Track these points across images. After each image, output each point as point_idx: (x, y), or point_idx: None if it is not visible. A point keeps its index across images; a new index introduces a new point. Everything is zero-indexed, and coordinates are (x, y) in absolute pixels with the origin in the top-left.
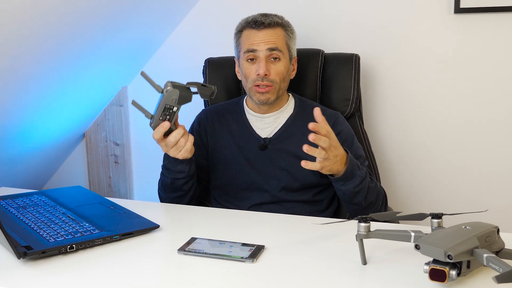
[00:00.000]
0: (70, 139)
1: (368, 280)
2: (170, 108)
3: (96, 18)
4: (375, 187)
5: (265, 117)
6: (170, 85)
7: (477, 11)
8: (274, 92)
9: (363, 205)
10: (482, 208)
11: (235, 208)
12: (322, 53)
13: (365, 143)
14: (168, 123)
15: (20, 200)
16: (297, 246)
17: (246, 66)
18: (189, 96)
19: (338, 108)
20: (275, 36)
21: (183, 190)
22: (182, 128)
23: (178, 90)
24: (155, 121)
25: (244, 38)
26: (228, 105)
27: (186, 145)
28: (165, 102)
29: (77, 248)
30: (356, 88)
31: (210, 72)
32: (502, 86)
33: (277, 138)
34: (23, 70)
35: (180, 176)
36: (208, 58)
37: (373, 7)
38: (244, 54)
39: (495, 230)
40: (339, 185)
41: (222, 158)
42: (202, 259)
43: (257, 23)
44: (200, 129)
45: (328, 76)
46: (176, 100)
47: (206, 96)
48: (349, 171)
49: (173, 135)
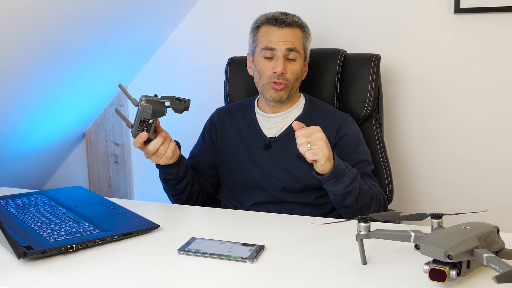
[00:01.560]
0: (70, 139)
1: (368, 280)
2: (146, 121)
3: (96, 18)
4: (368, 190)
5: (272, 117)
6: (144, 100)
7: (477, 11)
8: (287, 90)
9: (355, 208)
10: (482, 208)
11: (240, 206)
12: (343, 53)
13: (379, 147)
14: (146, 133)
15: (20, 200)
16: (297, 246)
17: (262, 62)
18: (163, 110)
19: (354, 110)
20: (294, 36)
21: (177, 189)
22: (162, 137)
23: (151, 105)
24: (134, 131)
25: (262, 34)
26: (240, 104)
27: (166, 152)
28: (140, 115)
29: (77, 248)
30: (373, 90)
31: (231, 71)
32: (502, 86)
33: (282, 138)
34: (23, 70)
35: (169, 177)
36: (231, 58)
37: (372, 6)
38: (262, 51)
39: (495, 230)
40: (329, 186)
41: (229, 156)
42: (202, 259)
43: (278, 21)
44: (211, 128)
45: (347, 76)
46: (150, 114)
47: (179, 110)
48: (338, 169)
49: (152, 144)
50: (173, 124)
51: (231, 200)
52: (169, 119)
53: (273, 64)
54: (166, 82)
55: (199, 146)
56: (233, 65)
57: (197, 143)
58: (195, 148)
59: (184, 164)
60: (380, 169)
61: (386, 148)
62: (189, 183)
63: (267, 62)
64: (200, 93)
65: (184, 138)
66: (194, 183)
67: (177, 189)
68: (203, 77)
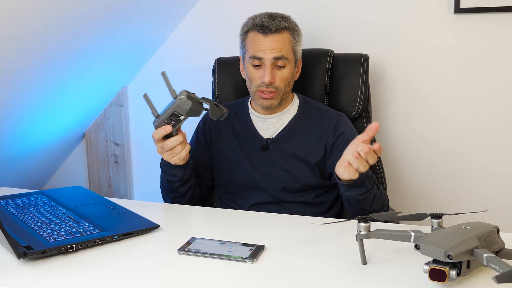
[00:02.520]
0: (70, 139)
1: (368, 280)
2: (178, 116)
3: (96, 18)
4: (381, 195)
5: (268, 118)
6: (185, 95)
7: (477, 11)
8: (278, 97)
9: (368, 212)
10: (482, 208)
11: (237, 207)
12: (331, 54)
13: (371, 144)
14: (170, 127)
15: (20, 200)
16: (297, 246)
17: (251, 70)
18: (200, 110)
19: (345, 109)
20: (281, 43)
21: (179, 193)
22: (182, 136)
23: (191, 102)
24: (159, 122)
25: (250, 41)
26: (233, 105)
27: (181, 152)
28: (174, 109)
29: (77, 248)
30: (364, 88)
31: (219, 71)
32: (502, 86)
33: (279, 139)
34: (23, 70)
35: (173, 179)
36: (218, 58)
37: (373, 6)
38: (250, 59)
39: (495, 230)
40: (344, 190)
41: (225, 158)
42: (202, 259)
43: (264, 28)
44: (205, 128)
45: (336, 76)
46: (186, 111)
47: (215, 116)
48: (360, 180)
49: (172, 140)
50: None
51: (227, 201)
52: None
53: (261, 73)
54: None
55: (193, 147)
56: (221, 65)
57: (191, 145)
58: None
59: (190, 168)
60: (374, 166)
61: None
62: (191, 187)
63: (256, 70)
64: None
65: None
66: (196, 187)
67: (179, 192)
68: (203, 77)
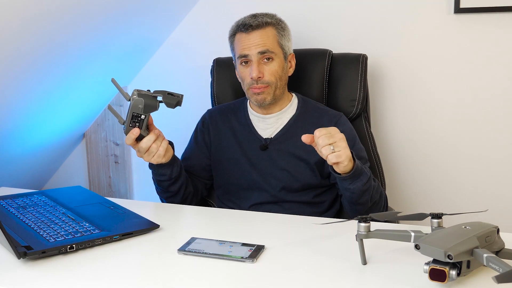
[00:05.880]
0: (70, 139)
1: (368, 280)
2: (138, 116)
3: (96, 18)
4: (378, 186)
5: (267, 117)
6: (136, 94)
7: (477, 11)
8: (271, 92)
9: (369, 205)
10: (482, 208)
11: (236, 207)
12: (330, 53)
13: (370, 144)
14: (137, 129)
15: (20, 200)
16: (297, 246)
17: (242, 69)
18: (155, 104)
19: (344, 109)
20: (265, 37)
21: (171, 191)
22: (154, 134)
23: (143, 99)
24: (126, 128)
25: (236, 42)
26: (232, 105)
27: (158, 150)
28: (132, 110)
29: (77, 248)
30: (362, 88)
31: (218, 71)
32: (502, 86)
33: (278, 138)
34: (23, 70)
35: (162, 178)
36: (216, 58)
37: (372, 6)
38: (238, 59)
39: (495, 230)
40: (347, 184)
41: (224, 158)
42: (202, 259)
43: (246, 26)
44: (204, 129)
45: (335, 76)
46: (142, 109)
47: (172, 105)
48: (358, 168)
49: (144, 141)
50: (168, 125)
51: (226, 201)
52: (163, 119)
53: (250, 70)
54: (166, 82)
55: (191, 148)
56: (219, 66)
57: (189, 145)
58: (187, 150)
59: (177, 165)
60: (373, 166)
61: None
62: (183, 185)
63: (245, 69)
64: (202, 92)
65: (175, 140)
66: (188, 185)
67: (170, 191)
68: (202, 77)
